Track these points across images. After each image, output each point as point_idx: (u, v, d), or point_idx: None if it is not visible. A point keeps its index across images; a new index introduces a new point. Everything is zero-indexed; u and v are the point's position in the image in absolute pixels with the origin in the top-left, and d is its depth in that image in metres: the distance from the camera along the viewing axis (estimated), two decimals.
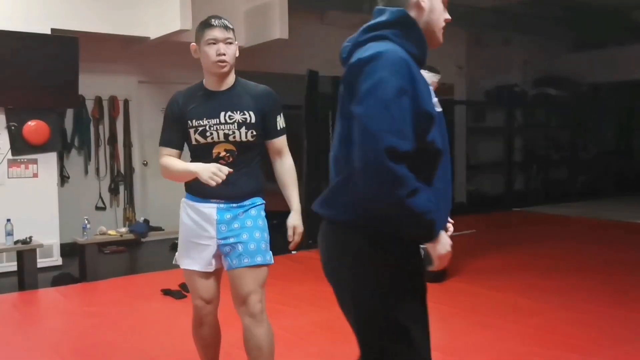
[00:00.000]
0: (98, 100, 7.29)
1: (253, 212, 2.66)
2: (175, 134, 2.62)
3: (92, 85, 7.00)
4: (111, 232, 5.93)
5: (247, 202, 2.65)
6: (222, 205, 2.61)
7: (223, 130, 2.56)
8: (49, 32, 6.04)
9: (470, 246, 6.69)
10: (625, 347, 3.56)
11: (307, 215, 5.00)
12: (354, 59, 1.80)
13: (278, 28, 7.01)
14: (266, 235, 2.70)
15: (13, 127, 5.95)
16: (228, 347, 3.34)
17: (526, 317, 4.14)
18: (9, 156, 5.98)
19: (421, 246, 1.81)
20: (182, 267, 2.70)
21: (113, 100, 7.39)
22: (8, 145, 5.96)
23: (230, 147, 2.59)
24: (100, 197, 7.37)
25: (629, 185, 11.58)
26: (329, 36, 8.86)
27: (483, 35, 11.05)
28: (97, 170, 7.36)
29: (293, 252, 6.51)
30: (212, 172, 2.42)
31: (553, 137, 12.55)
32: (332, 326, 3.90)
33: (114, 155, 7.44)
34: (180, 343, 3.68)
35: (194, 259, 2.64)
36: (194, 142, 2.60)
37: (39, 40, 5.91)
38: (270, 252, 2.71)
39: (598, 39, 11.34)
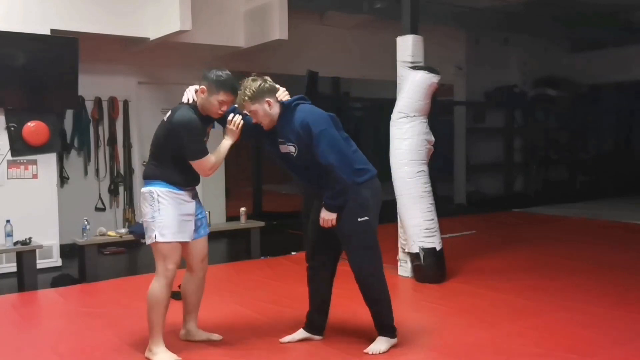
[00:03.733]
0: (98, 101, 7.29)
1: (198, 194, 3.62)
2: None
3: (91, 86, 7.00)
4: (111, 233, 5.93)
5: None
6: (192, 192, 3.51)
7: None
8: (48, 32, 6.04)
9: (470, 247, 6.69)
10: (625, 348, 3.56)
11: (307, 216, 5.00)
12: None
13: (277, 29, 7.01)
14: None
15: (12, 128, 5.95)
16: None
17: (526, 318, 4.14)
18: (9, 157, 5.98)
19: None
20: (177, 240, 3.37)
21: (113, 101, 7.38)
22: (7, 146, 5.96)
23: None
24: (100, 198, 7.37)
25: (629, 185, 11.58)
26: (328, 37, 8.88)
27: (482, 36, 11.05)
28: (97, 171, 7.36)
29: (293, 253, 6.51)
30: (235, 127, 3.44)
31: (553, 138, 12.56)
32: (331, 327, 3.90)
33: (113, 156, 7.44)
34: (180, 343, 3.68)
35: (185, 233, 3.41)
36: None
37: (38, 41, 5.91)
38: None
39: (597, 40, 11.35)
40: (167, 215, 3.35)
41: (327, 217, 3.33)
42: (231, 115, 3.45)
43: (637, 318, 4.08)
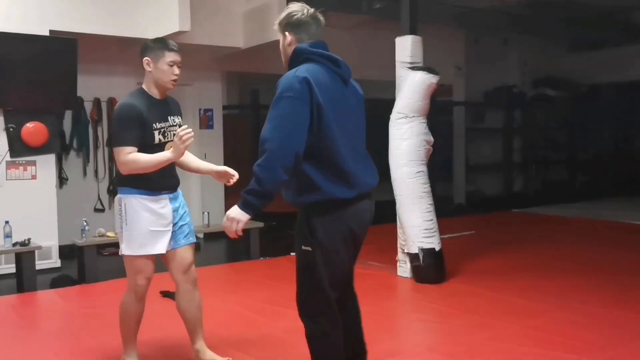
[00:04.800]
0: (96, 102, 7.29)
1: (183, 199, 3.30)
2: (137, 134, 3.00)
3: (90, 86, 7.00)
4: (110, 233, 5.92)
5: (179, 190, 3.27)
6: (170, 196, 3.16)
7: (172, 131, 3.12)
8: (47, 33, 6.04)
9: (469, 247, 6.69)
10: (624, 348, 3.56)
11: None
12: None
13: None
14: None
15: (11, 129, 5.95)
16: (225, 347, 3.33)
17: (525, 318, 4.14)
18: (8, 158, 5.97)
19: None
20: (147, 253, 3.07)
21: (111, 101, 7.38)
22: (6, 147, 5.96)
23: None
24: (99, 198, 7.36)
25: (628, 185, 11.59)
26: (327, 37, 8.85)
27: (482, 36, 11.05)
28: (96, 171, 7.36)
29: (292, 253, 6.51)
30: (181, 142, 2.91)
31: (552, 138, 12.57)
32: None
33: (112, 157, 7.43)
34: (179, 345, 3.68)
35: (155, 245, 3.08)
36: (156, 142, 3.07)
37: (37, 41, 5.91)
38: None
39: (596, 40, 11.35)
40: (135, 227, 3.05)
41: (236, 216, 2.39)
42: (183, 128, 2.97)
43: (637, 318, 4.09)
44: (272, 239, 7.18)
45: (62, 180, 7.04)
